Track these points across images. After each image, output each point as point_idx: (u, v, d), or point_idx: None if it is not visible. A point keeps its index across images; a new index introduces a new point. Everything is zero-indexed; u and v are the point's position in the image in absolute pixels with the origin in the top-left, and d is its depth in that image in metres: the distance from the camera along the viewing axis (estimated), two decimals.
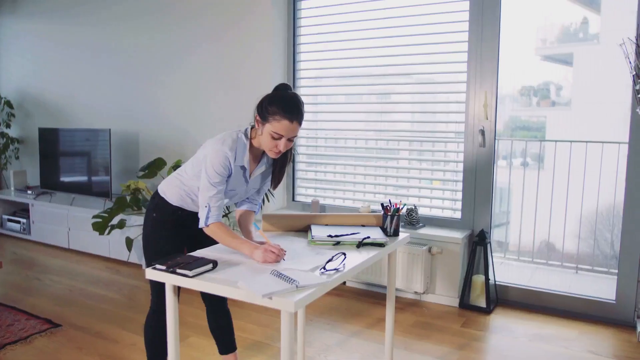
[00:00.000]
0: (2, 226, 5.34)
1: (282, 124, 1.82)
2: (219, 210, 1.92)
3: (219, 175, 1.90)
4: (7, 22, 5.81)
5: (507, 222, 4.70)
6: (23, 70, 5.75)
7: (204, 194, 1.91)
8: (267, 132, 1.85)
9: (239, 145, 1.94)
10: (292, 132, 1.85)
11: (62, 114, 5.40)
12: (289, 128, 1.83)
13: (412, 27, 3.63)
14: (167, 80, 4.60)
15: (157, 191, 2.18)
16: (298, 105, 1.87)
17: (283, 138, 1.85)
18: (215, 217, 1.91)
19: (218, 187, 1.91)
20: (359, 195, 4.05)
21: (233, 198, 2.10)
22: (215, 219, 1.91)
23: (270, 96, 1.89)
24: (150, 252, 2.15)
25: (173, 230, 2.14)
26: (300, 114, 1.87)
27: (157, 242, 2.13)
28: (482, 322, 3.18)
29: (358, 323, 3.14)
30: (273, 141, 1.86)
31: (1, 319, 3.12)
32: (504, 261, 4.34)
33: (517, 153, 4.79)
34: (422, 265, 3.39)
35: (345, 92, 4.09)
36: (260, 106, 1.88)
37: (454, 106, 3.61)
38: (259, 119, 1.89)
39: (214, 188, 1.90)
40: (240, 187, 2.04)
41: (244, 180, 2.03)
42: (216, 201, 1.91)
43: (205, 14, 4.29)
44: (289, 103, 1.85)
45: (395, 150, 3.94)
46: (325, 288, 1.62)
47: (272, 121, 1.83)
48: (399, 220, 2.28)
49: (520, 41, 4.92)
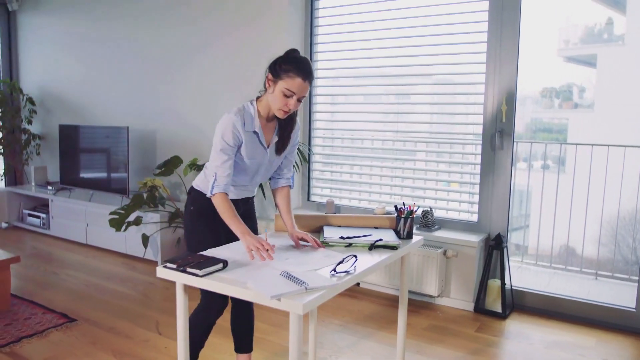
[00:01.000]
0: (23, 221, 5.44)
1: (296, 82, 1.87)
2: (226, 180, 1.96)
3: (227, 143, 1.94)
4: (29, 19, 5.91)
5: (525, 225, 4.63)
6: (44, 67, 5.84)
7: (212, 163, 1.97)
8: (280, 90, 1.89)
9: (246, 113, 1.99)
10: (303, 92, 1.90)
11: (82, 111, 5.48)
12: (302, 86, 1.88)
13: (431, 27, 3.58)
14: (184, 78, 4.63)
15: (192, 186, 2.21)
16: (310, 66, 1.94)
17: (294, 96, 1.89)
18: (221, 187, 1.95)
19: (225, 156, 1.95)
20: (374, 196, 4.02)
21: (260, 170, 2.11)
22: (220, 189, 1.95)
23: (282, 57, 1.95)
24: (193, 245, 2.14)
25: (212, 221, 2.11)
26: (311, 74, 1.93)
27: (198, 234, 2.15)
28: (497, 327, 3.13)
29: (370, 325, 3.12)
30: (284, 99, 1.90)
31: (19, 313, 3.17)
32: (522, 266, 4.27)
33: (538, 156, 4.71)
34: (436, 268, 3.35)
35: (362, 92, 4.06)
36: (274, 65, 1.93)
37: (472, 107, 3.56)
38: (272, 77, 1.93)
39: (221, 157, 1.94)
40: (261, 156, 2.06)
41: (262, 148, 2.05)
42: (223, 170, 1.95)
43: (223, 11, 4.31)
44: (302, 63, 1.91)
45: (412, 151, 3.90)
46: (335, 290, 1.61)
47: (286, 78, 1.87)
48: (412, 223, 2.25)
49: (543, 42, 4.84)
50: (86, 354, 2.67)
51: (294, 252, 1.95)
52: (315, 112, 4.23)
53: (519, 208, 4.47)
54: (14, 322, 3.04)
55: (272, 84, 1.92)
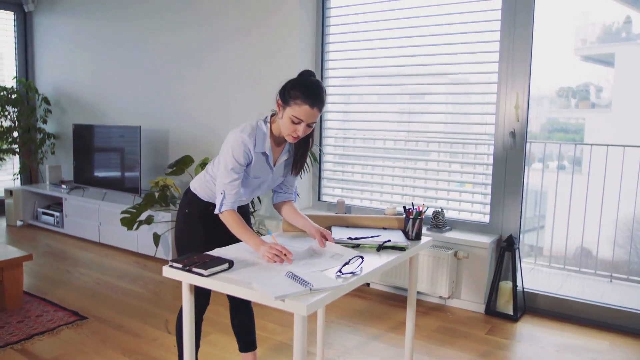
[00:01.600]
0: (38, 219, 5.51)
1: (303, 109, 1.83)
2: (234, 198, 1.94)
3: (237, 162, 1.92)
4: (44, 20, 5.98)
5: (539, 226, 4.56)
6: (59, 67, 5.91)
7: (221, 180, 1.95)
8: (288, 116, 1.86)
9: (259, 132, 1.96)
10: (311, 118, 1.86)
11: (96, 111, 5.53)
12: (309, 113, 1.84)
13: (442, 26, 3.55)
14: (196, 78, 4.64)
15: (189, 188, 2.20)
16: (320, 91, 1.88)
17: (302, 123, 1.85)
18: (229, 204, 1.93)
19: (235, 175, 1.93)
20: (386, 196, 3.99)
21: (262, 186, 2.10)
22: (229, 207, 1.93)
23: (293, 81, 1.91)
24: (183, 248, 2.15)
25: (205, 225, 2.14)
26: (321, 101, 1.87)
27: (190, 237, 2.14)
28: (508, 330, 3.09)
29: (380, 326, 3.10)
30: (292, 125, 1.87)
31: (31, 310, 3.21)
32: (535, 267, 4.21)
33: (554, 156, 4.64)
34: (447, 270, 3.32)
35: (374, 92, 4.04)
36: (283, 90, 1.90)
37: (484, 107, 3.52)
38: (281, 102, 1.90)
39: (231, 175, 1.92)
40: (265, 175, 2.05)
41: (268, 168, 2.03)
42: (232, 189, 1.93)
43: (234, 12, 4.31)
44: (311, 89, 1.86)
45: (423, 151, 3.87)
46: (340, 292, 1.60)
47: (293, 105, 1.84)
48: (421, 224, 2.23)
49: (559, 41, 4.77)
50: (96, 352, 2.69)
51: (301, 252, 1.94)
52: (327, 112, 4.22)
53: (533, 209, 4.41)
54: (26, 319, 3.08)
55: (281, 109, 1.89)
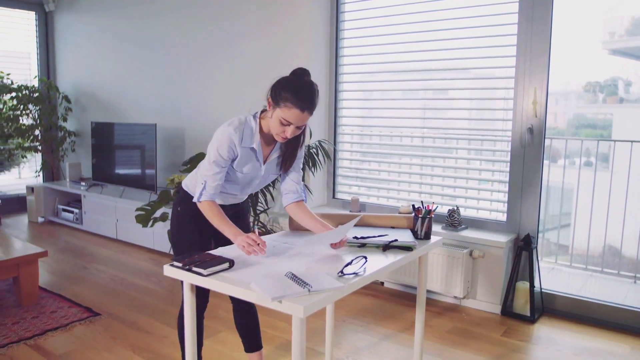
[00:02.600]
0: (58, 215, 5.60)
1: (292, 112, 1.78)
2: (215, 190, 1.93)
3: (220, 156, 1.90)
4: (65, 19, 6.07)
5: (559, 225, 4.44)
6: (79, 66, 5.99)
7: (203, 171, 1.93)
8: (277, 117, 1.82)
9: (247, 127, 1.92)
10: (301, 121, 1.82)
11: (114, 109, 5.59)
12: (299, 117, 1.79)
13: (457, 20, 3.47)
14: (211, 75, 4.65)
15: (181, 186, 2.18)
16: (312, 95, 1.82)
17: (291, 125, 1.81)
18: (209, 195, 1.92)
19: (217, 168, 1.91)
20: (403, 194, 3.92)
21: (252, 183, 2.07)
22: (208, 197, 1.92)
23: (285, 80, 1.84)
24: (177, 247, 2.16)
25: (198, 224, 2.12)
26: (312, 104, 1.82)
27: (184, 236, 2.13)
28: (525, 331, 3.00)
29: (392, 326, 3.05)
30: (281, 127, 1.83)
31: (46, 306, 3.25)
32: (555, 267, 4.09)
33: (580, 152, 4.50)
34: (462, 269, 3.24)
35: (389, 88, 3.98)
36: (274, 89, 1.84)
37: (501, 103, 3.43)
38: (271, 102, 1.85)
39: (213, 168, 1.91)
40: (255, 171, 2.01)
41: (258, 165, 2.00)
42: (213, 181, 1.92)
43: (248, 8, 4.29)
44: (302, 91, 1.80)
45: (439, 148, 3.79)
46: (341, 293, 1.55)
47: (283, 107, 1.80)
48: (430, 223, 2.17)
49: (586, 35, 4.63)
50: (106, 349, 2.71)
51: (304, 251, 1.91)
52: (342, 109, 4.17)
53: (552, 207, 4.28)
54: (41, 315, 3.12)
55: (272, 108, 1.85)
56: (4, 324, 2.98)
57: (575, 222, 4.00)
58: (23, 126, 5.80)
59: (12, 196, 6.26)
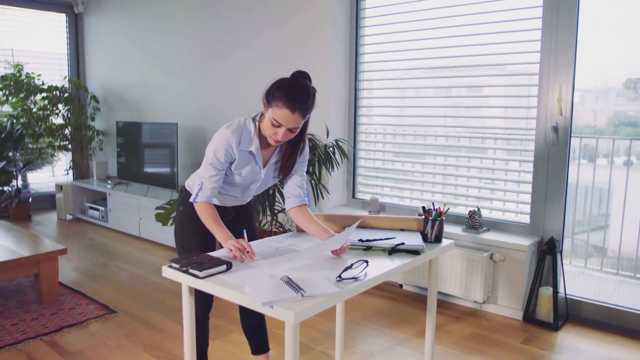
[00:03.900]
0: (85, 213, 5.72)
1: (283, 113, 1.74)
2: (211, 192, 1.90)
3: (217, 159, 1.87)
4: (93, 20, 6.19)
5: (589, 229, 4.24)
6: (107, 66, 6.10)
7: (201, 172, 1.92)
8: (268, 118, 1.78)
9: (245, 130, 1.89)
10: (292, 123, 1.76)
11: (140, 108, 5.67)
12: (289, 118, 1.74)
13: (477, 15, 3.35)
14: (231, 73, 4.65)
15: (184, 185, 2.16)
16: (304, 95, 1.76)
17: (282, 127, 1.76)
18: (205, 197, 1.90)
19: (213, 171, 1.88)
20: (426, 195, 3.81)
21: (252, 186, 2.04)
22: (204, 199, 1.90)
23: (280, 81, 1.81)
24: (180, 246, 2.14)
25: (201, 223, 2.10)
26: (304, 106, 1.75)
27: (186, 236, 2.12)
28: (547, 339, 2.87)
29: (408, 330, 2.97)
30: (272, 128, 1.78)
31: (65, 303, 3.30)
32: (585, 271, 3.92)
33: (620, 151, 4.29)
34: (482, 273, 3.13)
35: (410, 86, 3.88)
36: (269, 89, 1.81)
37: (524, 100, 3.29)
38: (265, 102, 1.82)
39: (209, 170, 1.88)
40: (254, 175, 1.98)
41: (258, 168, 1.96)
42: (210, 183, 1.89)
43: (268, 5, 4.27)
44: (294, 92, 1.75)
45: (460, 147, 3.67)
46: (337, 299, 1.50)
47: (274, 107, 1.75)
48: (441, 226, 2.09)
49: (625, 30, 4.42)
50: (118, 346, 2.73)
51: (307, 255, 1.86)
52: (361, 107, 4.10)
53: (587, 208, 4.10)
54: (59, 311, 3.17)
55: (265, 109, 1.82)
56: (24, 319, 3.04)
57: (607, 224, 3.82)
58: (53, 125, 5.94)
59: (44, 194, 6.43)
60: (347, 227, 2.17)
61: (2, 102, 5.60)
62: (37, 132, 5.81)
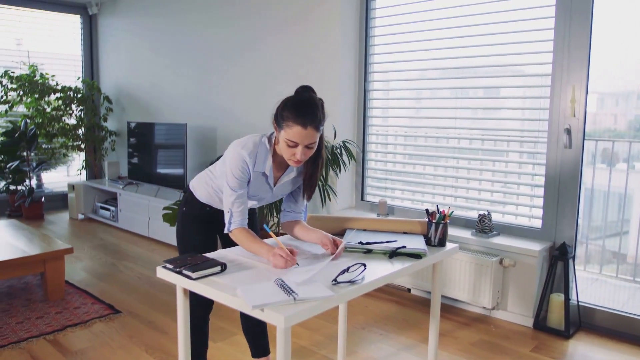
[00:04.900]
0: (96, 213, 5.75)
1: (295, 131, 1.67)
2: (242, 215, 1.83)
3: (237, 179, 1.81)
4: (107, 22, 6.24)
5: (605, 235, 4.13)
6: (120, 67, 6.14)
7: (226, 198, 1.84)
8: (283, 140, 1.72)
9: (260, 151, 1.82)
10: (308, 139, 1.69)
11: (151, 109, 5.69)
12: (303, 134, 1.67)
13: (488, 15, 3.28)
14: (242, 74, 4.64)
15: (188, 186, 2.14)
16: (312, 108, 1.69)
17: (299, 146, 1.70)
18: (237, 222, 1.82)
19: (238, 192, 1.82)
20: (437, 198, 3.74)
21: (260, 202, 2.00)
22: (237, 225, 1.82)
23: (285, 100, 1.74)
24: (181, 247, 2.12)
25: (203, 225, 2.09)
26: (315, 118, 1.68)
27: (187, 237, 2.10)
28: (558, 348, 2.79)
29: (414, 336, 2.90)
30: (289, 149, 1.72)
31: (71, 302, 3.31)
32: (600, 278, 3.81)
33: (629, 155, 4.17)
34: (491, 278, 3.06)
35: (419, 87, 3.82)
36: (276, 111, 1.75)
37: (536, 102, 3.21)
38: (275, 126, 1.76)
39: (234, 192, 1.82)
40: (263, 193, 1.93)
41: (267, 187, 1.91)
42: (238, 206, 1.82)
43: (278, 6, 4.25)
44: (301, 107, 1.68)
45: (473, 150, 3.60)
46: (330, 303, 1.45)
47: (286, 127, 1.69)
48: (445, 229, 2.03)
49: None
50: (120, 347, 2.71)
51: (307, 257, 1.81)
52: (371, 109, 4.05)
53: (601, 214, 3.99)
54: (64, 310, 3.17)
55: (277, 132, 1.76)
56: (29, 318, 3.04)
57: (625, 230, 3.71)
58: (67, 126, 5.99)
59: (58, 193, 6.49)
60: (348, 229, 2.13)
61: (16, 103, 5.67)
62: (50, 132, 5.87)
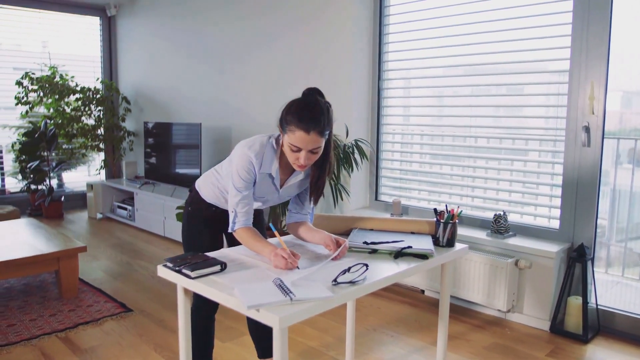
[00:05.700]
0: (113, 212, 5.81)
1: (297, 135, 1.65)
2: (246, 215, 1.81)
3: (243, 180, 1.79)
4: (125, 23, 6.30)
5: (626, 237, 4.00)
6: (138, 68, 6.20)
7: (231, 198, 1.83)
8: (287, 144, 1.70)
9: (267, 152, 1.79)
10: (311, 144, 1.66)
11: (167, 109, 5.73)
12: (306, 140, 1.64)
13: (504, 10, 3.20)
14: (255, 73, 4.63)
15: (194, 185, 2.13)
16: (315, 113, 1.65)
17: (302, 151, 1.67)
18: (242, 222, 1.80)
19: (243, 192, 1.80)
20: (455, 198, 3.66)
21: (266, 203, 1.98)
22: (242, 224, 1.80)
23: (289, 103, 1.72)
24: (186, 247, 2.11)
25: (208, 224, 2.08)
26: (318, 124, 1.65)
27: (193, 236, 2.09)
28: (575, 352, 2.70)
29: (425, 338, 2.85)
30: (293, 154, 1.69)
31: (84, 300, 3.33)
32: (622, 281, 3.69)
33: None
34: (506, 280, 2.98)
35: (433, 85, 3.76)
36: (281, 115, 1.72)
37: (554, 99, 3.13)
38: (280, 129, 1.74)
39: (239, 193, 1.80)
40: (270, 195, 1.91)
41: (274, 189, 1.88)
42: (243, 207, 1.80)
43: (290, 4, 4.23)
44: (305, 111, 1.65)
45: (490, 148, 3.52)
46: (329, 304, 1.42)
47: (289, 132, 1.67)
48: (454, 229, 1.98)
49: None
50: (130, 345, 2.72)
51: (310, 258, 1.78)
52: (385, 107, 4.00)
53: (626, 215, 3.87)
54: (77, 308, 3.20)
55: (282, 136, 1.73)
56: (42, 315, 3.08)
57: None
58: (86, 126, 6.08)
59: (78, 193, 6.59)
60: (354, 229, 2.09)
61: (36, 104, 5.77)
62: (70, 133, 5.95)
